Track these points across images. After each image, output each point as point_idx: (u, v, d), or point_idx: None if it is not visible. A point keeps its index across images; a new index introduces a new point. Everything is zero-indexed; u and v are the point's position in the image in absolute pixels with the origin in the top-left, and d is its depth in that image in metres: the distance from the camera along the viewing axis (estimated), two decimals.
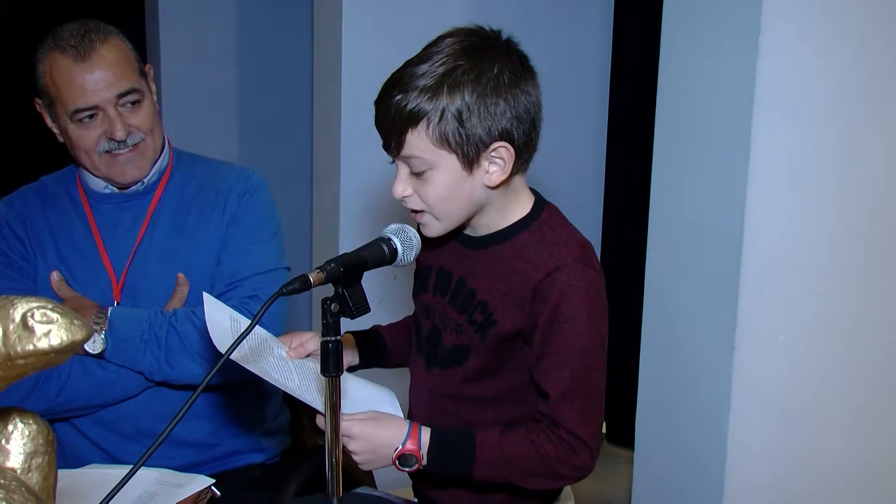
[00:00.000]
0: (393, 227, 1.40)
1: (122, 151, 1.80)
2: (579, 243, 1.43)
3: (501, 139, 1.37)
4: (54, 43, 1.77)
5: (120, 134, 1.77)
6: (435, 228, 1.45)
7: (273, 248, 1.88)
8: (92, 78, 1.74)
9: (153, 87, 1.89)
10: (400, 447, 1.39)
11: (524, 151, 1.41)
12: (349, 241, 2.93)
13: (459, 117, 1.34)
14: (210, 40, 3.93)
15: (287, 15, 4.08)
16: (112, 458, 1.81)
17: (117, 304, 1.82)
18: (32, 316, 0.86)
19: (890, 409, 2.21)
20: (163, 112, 1.94)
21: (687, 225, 2.19)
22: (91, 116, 1.77)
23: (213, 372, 1.15)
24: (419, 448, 1.39)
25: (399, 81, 1.37)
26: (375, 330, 1.72)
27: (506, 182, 1.42)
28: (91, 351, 1.73)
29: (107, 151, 1.79)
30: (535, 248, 1.42)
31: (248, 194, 1.88)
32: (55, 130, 1.85)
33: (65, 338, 0.86)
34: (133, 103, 1.80)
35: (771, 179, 2.03)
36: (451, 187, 1.39)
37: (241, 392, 1.88)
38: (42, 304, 0.87)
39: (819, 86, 2.03)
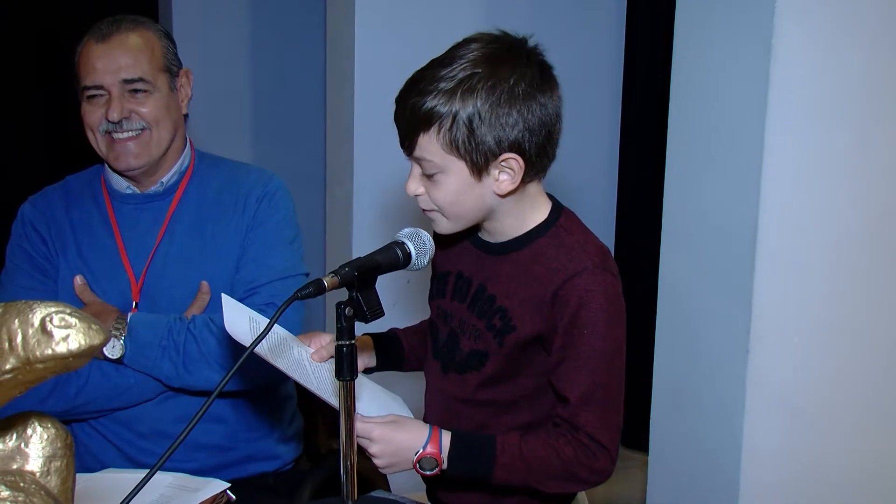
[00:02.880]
0: (407, 231, 1.40)
1: (121, 136, 1.83)
2: (597, 248, 1.43)
3: (511, 150, 1.37)
4: (91, 29, 1.84)
5: (114, 115, 1.80)
6: (445, 226, 1.46)
7: (292, 253, 1.88)
8: (105, 59, 1.80)
9: (183, 91, 1.92)
10: (421, 450, 1.39)
11: (536, 163, 1.40)
12: (362, 244, 2.93)
13: (470, 124, 1.34)
14: (223, 42, 3.94)
15: (300, 17, 4.09)
16: (127, 457, 1.82)
17: (136, 304, 1.83)
18: (51, 320, 0.87)
19: None
20: None
21: (701, 227, 2.18)
22: (98, 96, 1.81)
23: (234, 370, 1.15)
24: (440, 451, 1.39)
25: (419, 82, 1.38)
26: (393, 333, 1.72)
27: (517, 190, 1.42)
28: (110, 356, 1.74)
29: (107, 132, 1.83)
30: (554, 254, 1.42)
31: (267, 198, 1.88)
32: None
33: (83, 342, 0.87)
34: (139, 92, 1.82)
35: (785, 181, 2.02)
36: (460, 192, 1.39)
37: (257, 398, 1.88)
38: (60, 309, 0.88)
39: (832, 87, 2.02)
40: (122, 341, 1.74)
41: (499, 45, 1.39)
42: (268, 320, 1.20)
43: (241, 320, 1.47)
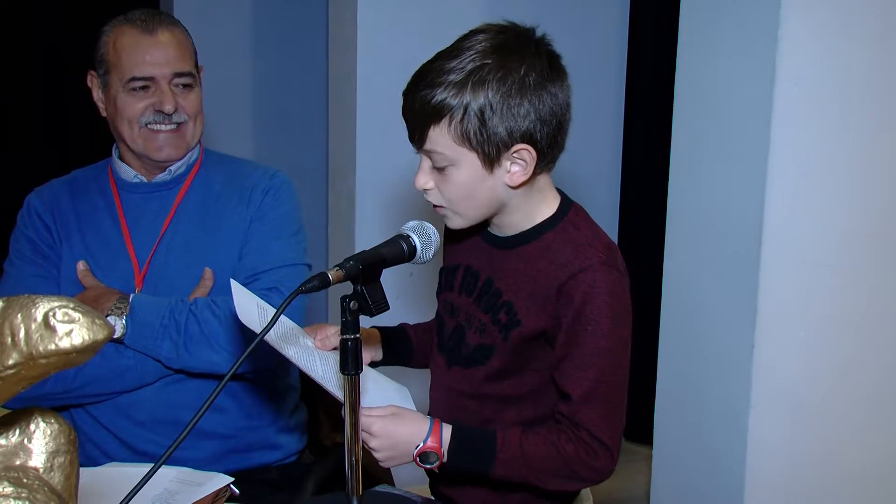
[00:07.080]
0: (412, 223, 1.39)
1: (164, 128, 1.85)
2: (604, 244, 1.42)
3: (523, 141, 1.36)
4: (124, 18, 1.86)
5: (169, 107, 1.83)
6: (456, 222, 1.45)
7: (295, 245, 1.90)
8: (154, 51, 1.83)
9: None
10: (421, 444, 1.38)
11: (547, 153, 1.40)
12: (365, 239, 2.93)
13: (481, 116, 1.33)
14: (225, 37, 3.93)
15: (302, 12, 4.08)
16: (127, 446, 1.83)
17: (138, 292, 1.84)
18: (54, 315, 0.86)
19: None
20: None
21: (705, 222, 2.18)
22: (144, 88, 1.84)
23: (241, 361, 1.15)
24: (440, 445, 1.39)
25: (427, 74, 1.36)
26: (402, 328, 1.71)
27: (528, 182, 1.41)
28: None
29: (147, 125, 1.85)
30: (560, 249, 1.41)
31: (272, 192, 1.91)
32: (101, 104, 1.91)
33: (87, 337, 0.86)
34: (185, 86, 1.86)
35: (790, 176, 2.01)
36: (471, 185, 1.38)
37: (259, 386, 1.89)
38: (64, 304, 0.87)
39: (838, 82, 2.02)
40: (123, 320, 1.75)
41: (507, 36, 1.38)
42: (274, 309, 1.20)
43: (249, 306, 1.48)
